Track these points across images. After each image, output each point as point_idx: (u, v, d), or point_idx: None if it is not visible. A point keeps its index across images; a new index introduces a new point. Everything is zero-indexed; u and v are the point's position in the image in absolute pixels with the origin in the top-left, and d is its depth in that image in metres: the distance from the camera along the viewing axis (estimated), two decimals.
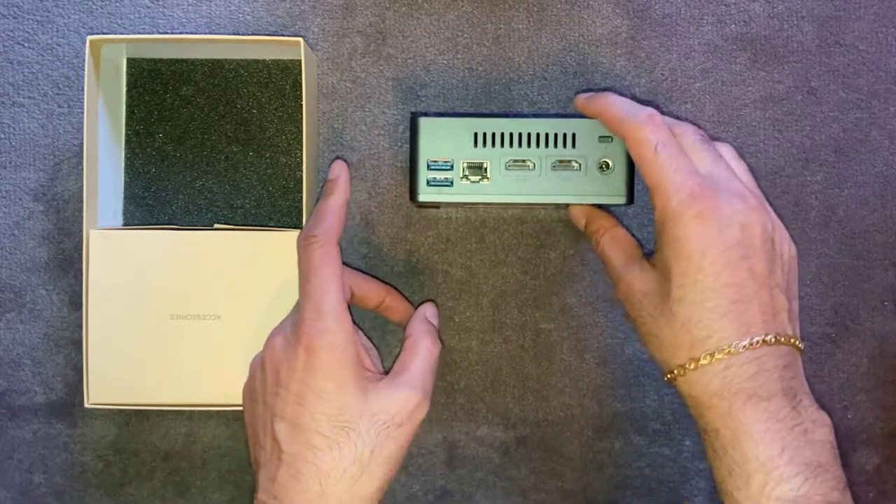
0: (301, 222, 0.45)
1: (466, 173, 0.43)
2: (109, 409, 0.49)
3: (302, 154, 0.46)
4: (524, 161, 0.42)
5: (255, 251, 0.45)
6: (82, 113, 0.48)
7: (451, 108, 0.50)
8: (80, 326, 0.48)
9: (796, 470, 0.34)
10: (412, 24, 0.50)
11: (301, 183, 0.49)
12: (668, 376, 0.38)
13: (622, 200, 0.43)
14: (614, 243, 0.42)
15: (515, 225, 0.50)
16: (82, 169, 0.45)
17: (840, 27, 0.50)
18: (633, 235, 0.44)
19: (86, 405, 0.45)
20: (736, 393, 0.35)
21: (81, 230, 0.47)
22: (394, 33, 0.50)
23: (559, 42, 0.50)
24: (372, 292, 0.47)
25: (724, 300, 0.36)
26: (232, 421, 0.50)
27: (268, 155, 0.50)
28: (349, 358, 0.39)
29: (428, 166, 0.43)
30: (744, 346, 0.35)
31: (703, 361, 0.36)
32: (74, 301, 0.49)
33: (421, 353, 0.42)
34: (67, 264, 0.50)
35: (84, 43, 0.48)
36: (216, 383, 0.45)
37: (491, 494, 0.51)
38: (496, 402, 0.51)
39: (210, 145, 0.50)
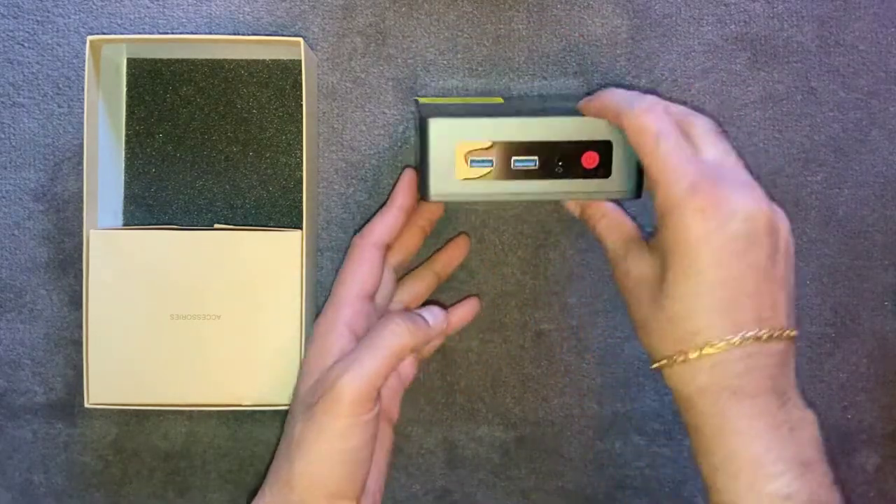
0: (301, 222, 0.45)
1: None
2: (109, 409, 0.49)
3: (302, 154, 0.46)
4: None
5: (255, 251, 0.45)
6: (82, 113, 0.48)
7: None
8: (80, 326, 0.48)
9: (784, 467, 0.34)
10: (412, 24, 0.50)
11: (301, 183, 0.49)
12: (654, 366, 0.37)
13: (630, 195, 0.42)
14: (611, 228, 0.42)
15: (515, 225, 0.50)
16: (82, 169, 0.45)
17: (840, 27, 0.50)
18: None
19: (86, 405, 0.45)
20: (722, 389, 0.35)
21: (81, 230, 0.47)
22: (394, 33, 0.50)
23: (559, 42, 0.50)
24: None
25: (718, 295, 0.35)
26: (232, 421, 0.50)
27: (268, 155, 0.50)
28: (327, 346, 0.41)
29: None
30: (734, 344, 0.35)
31: (691, 356, 0.35)
32: (74, 301, 0.49)
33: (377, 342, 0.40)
34: (67, 264, 0.50)
35: (84, 43, 0.48)
36: (216, 383, 0.45)
37: (491, 494, 0.51)
38: (496, 402, 0.51)
39: (210, 145, 0.50)
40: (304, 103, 0.45)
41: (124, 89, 0.50)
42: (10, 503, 0.50)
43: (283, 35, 0.50)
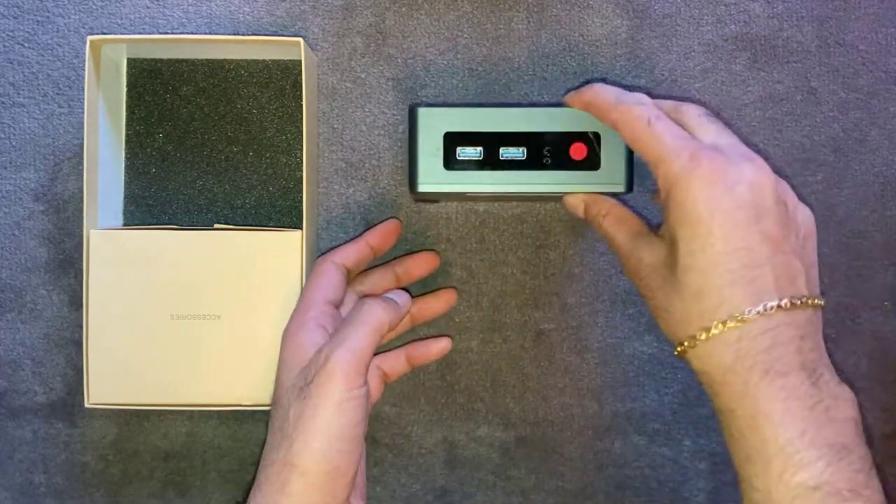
0: (301, 222, 0.45)
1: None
2: (109, 409, 0.49)
3: (302, 154, 0.46)
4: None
5: (255, 251, 0.45)
6: (82, 113, 0.48)
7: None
8: (80, 326, 0.48)
9: (818, 453, 0.32)
10: (412, 24, 0.50)
11: (301, 183, 0.49)
12: (679, 349, 0.36)
13: (622, 189, 0.42)
14: (618, 223, 0.41)
15: (515, 225, 0.50)
16: (82, 169, 0.45)
17: (840, 27, 0.50)
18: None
19: (86, 405, 0.45)
20: (751, 367, 0.33)
21: (81, 230, 0.47)
22: (394, 33, 0.50)
23: (559, 42, 0.50)
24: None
25: (734, 265, 0.34)
26: (232, 421, 0.50)
27: (268, 155, 0.50)
28: (300, 342, 0.42)
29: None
30: (757, 313, 0.33)
31: (714, 331, 0.34)
32: (74, 301, 0.49)
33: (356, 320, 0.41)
34: (67, 264, 0.50)
35: (84, 43, 0.48)
36: (216, 383, 0.45)
37: (491, 494, 0.51)
38: (496, 402, 0.51)
39: (210, 145, 0.50)
40: (304, 103, 0.45)
41: (124, 89, 0.50)
42: (9, 503, 0.50)
43: (283, 35, 0.50)
